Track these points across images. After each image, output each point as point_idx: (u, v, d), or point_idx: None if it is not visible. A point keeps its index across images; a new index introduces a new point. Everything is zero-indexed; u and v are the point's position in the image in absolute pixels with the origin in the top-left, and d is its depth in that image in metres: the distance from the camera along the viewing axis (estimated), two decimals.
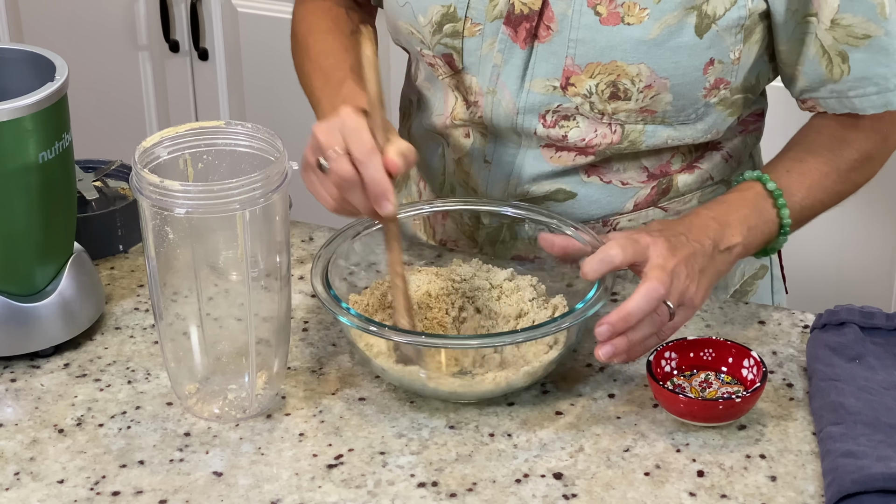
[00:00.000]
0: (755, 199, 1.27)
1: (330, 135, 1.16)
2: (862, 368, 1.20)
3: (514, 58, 1.29)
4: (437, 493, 1.09)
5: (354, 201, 1.17)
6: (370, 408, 1.19)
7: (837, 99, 1.30)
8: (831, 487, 1.07)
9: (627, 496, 1.09)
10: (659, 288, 1.14)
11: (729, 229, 1.23)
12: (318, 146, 1.17)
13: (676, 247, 1.18)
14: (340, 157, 1.15)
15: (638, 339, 1.15)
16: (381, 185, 1.15)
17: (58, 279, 1.25)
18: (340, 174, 1.15)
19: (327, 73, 1.35)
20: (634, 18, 1.24)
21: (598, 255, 1.16)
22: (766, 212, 1.27)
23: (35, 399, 1.21)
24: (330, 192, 1.17)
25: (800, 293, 1.80)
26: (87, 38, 2.65)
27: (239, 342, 1.16)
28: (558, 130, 1.31)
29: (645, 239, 1.17)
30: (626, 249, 1.16)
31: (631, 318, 1.13)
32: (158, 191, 1.08)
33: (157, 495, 1.09)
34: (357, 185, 1.16)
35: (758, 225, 1.26)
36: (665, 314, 1.16)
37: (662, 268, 1.15)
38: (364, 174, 1.15)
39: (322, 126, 1.18)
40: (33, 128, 1.18)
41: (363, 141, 1.15)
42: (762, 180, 1.28)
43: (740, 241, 1.24)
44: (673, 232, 1.20)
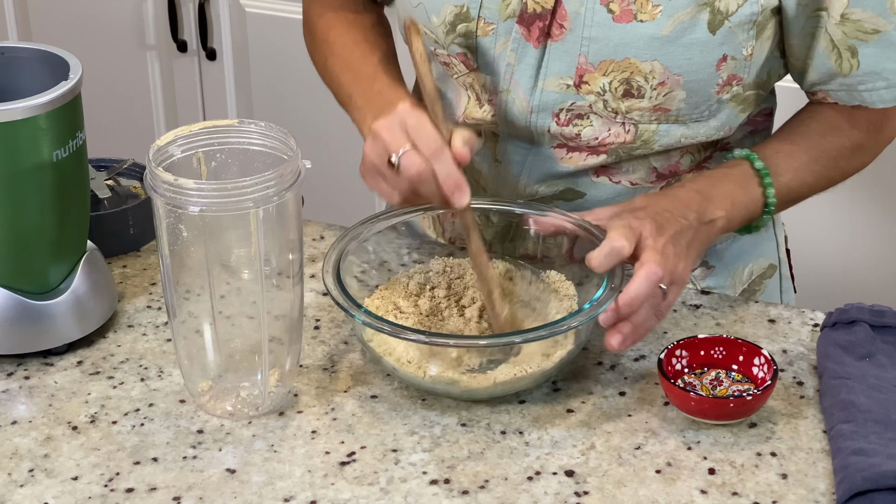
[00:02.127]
0: (741, 175, 1.30)
1: (394, 132, 1.18)
2: (872, 366, 1.20)
3: (527, 56, 1.30)
4: (449, 490, 1.10)
5: (427, 195, 1.19)
6: (382, 405, 1.19)
7: (847, 92, 1.30)
8: (842, 485, 1.08)
9: (639, 494, 1.09)
10: (658, 271, 1.16)
11: (712, 203, 1.25)
12: (384, 144, 1.18)
13: (663, 225, 1.20)
14: (411, 154, 1.17)
15: (641, 322, 1.17)
16: (454, 179, 1.17)
17: (71, 277, 1.26)
18: (415, 171, 1.17)
19: (355, 68, 1.36)
20: (647, 15, 1.24)
21: (605, 248, 1.17)
22: (751, 189, 1.29)
23: (49, 396, 1.21)
24: (400, 188, 1.19)
25: (809, 292, 1.80)
26: (96, 37, 2.65)
27: (251, 340, 1.17)
28: (572, 129, 1.31)
29: (635, 223, 1.19)
30: (629, 239, 1.18)
31: (634, 303, 1.15)
32: (172, 189, 1.09)
33: (171, 492, 1.10)
34: (430, 180, 1.17)
35: (742, 201, 1.28)
36: (660, 295, 1.18)
37: (655, 249, 1.18)
38: (437, 169, 1.17)
39: (383, 124, 1.19)
40: (48, 126, 1.18)
41: (431, 136, 1.17)
42: (750, 158, 1.30)
43: (723, 215, 1.26)
44: (657, 209, 1.22)
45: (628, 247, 1.17)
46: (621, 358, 1.25)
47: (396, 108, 1.19)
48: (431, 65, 1.20)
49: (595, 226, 1.24)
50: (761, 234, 1.45)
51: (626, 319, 1.16)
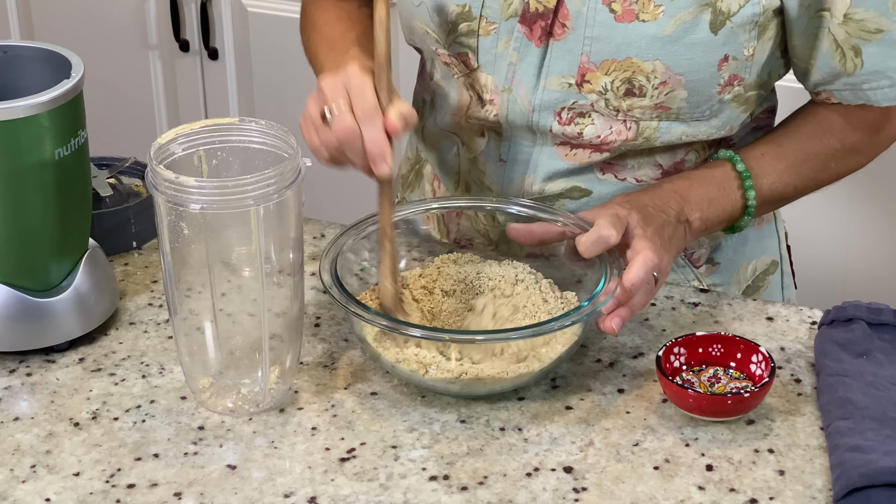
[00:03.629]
0: (722, 177, 1.31)
1: (335, 89, 1.18)
2: (870, 364, 1.21)
3: (529, 56, 1.30)
4: (448, 486, 1.11)
5: (352, 157, 1.19)
6: (382, 402, 1.20)
7: (852, 91, 1.31)
8: (839, 481, 1.08)
9: (637, 490, 1.10)
10: (654, 257, 1.18)
11: (688, 204, 1.28)
12: (323, 98, 1.19)
13: (647, 218, 1.22)
14: (344, 113, 1.17)
15: (638, 307, 1.20)
16: (378, 146, 1.17)
17: (73, 275, 1.27)
18: (342, 129, 1.17)
19: (332, 42, 1.36)
20: (649, 15, 1.25)
21: (593, 234, 1.20)
22: (731, 192, 1.31)
23: (51, 393, 1.22)
24: (328, 144, 1.19)
25: (808, 290, 1.81)
26: (98, 37, 2.66)
27: (252, 337, 1.17)
28: (574, 128, 1.32)
29: (622, 212, 1.22)
30: (618, 228, 1.20)
31: (634, 289, 1.18)
32: (174, 187, 1.10)
33: (172, 488, 1.11)
34: (357, 142, 1.17)
35: (720, 203, 1.30)
36: (653, 281, 1.20)
37: (646, 238, 1.20)
38: (364, 133, 1.17)
39: (328, 79, 1.19)
40: (50, 124, 1.19)
41: (367, 99, 1.17)
42: (732, 160, 1.32)
43: (699, 216, 1.28)
44: (639, 203, 1.24)
45: (615, 235, 1.20)
46: (620, 355, 1.26)
47: (346, 68, 1.19)
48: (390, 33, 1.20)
49: (584, 220, 1.25)
50: (763, 230, 1.46)
51: (623, 306, 1.18)
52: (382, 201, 1.23)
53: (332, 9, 1.42)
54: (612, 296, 1.17)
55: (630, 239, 1.21)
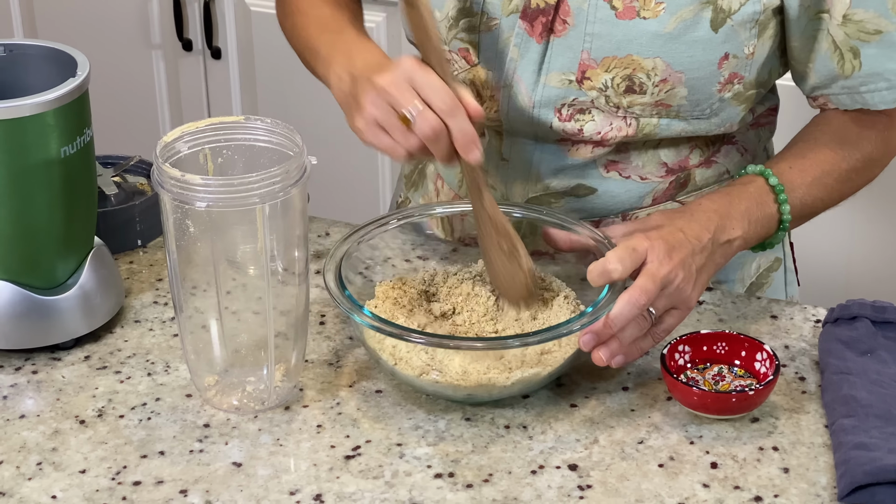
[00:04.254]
0: (757, 193, 1.28)
1: (402, 88, 1.16)
2: (874, 362, 1.21)
3: (530, 52, 1.30)
4: (453, 484, 1.11)
5: (437, 151, 1.17)
6: (387, 400, 1.20)
7: (849, 95, 1.31)
8: (843, 479, 1.08)
9: (642, 487, 1.10)
10: (641, 298, 1.15)
11: (730, 222, 1.24)
12: (391, 100, 1.16)
13: (674, 248, 1.19)
14: (426, 112, 1.15)
15: (628, 340, 1.17)
16: (469, 135, 1.16)
17: (78, 273, 1.27)
18: (430, 129, 1.15)
19: (323, 24, 1.35)
20: (650, 12, 1.25)
21: (600, 266, 1.17)
22: (767, 206, 1.28)
23: (56, 391, 1.22)
24: (409, 144, 1.17)
25: (812, 288, 1.81)
26: (102, 36, 2.66)
27: (257, 335, 1.17)
28: (574, 124, 1.32)
29: (643, 244, 1.18)
30: (625, 262, 1.17)
31: (613, 326, 1.15)
32: (179, 185, 1.10)
33: (178, 485, 1.11)
34: (445, 138, 1.16)
35: (759, 219, 1.27)
36: (648, 321, 1.18)
37: (653, 276, 1.16)
38: (452, 126, 1.15)
39: (388, 79, 1.17)
40: (55, 123, 1.19)
41: (444, 93, 1.15)
42: (765, 175, 1.29)
43: (741, 235, 1.25)
44: (672, 228, 1.21)
45: (619, 270, 1.17)
46: None
47: (401, 64, 1.17)
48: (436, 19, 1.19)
49: (610, 240, 1.24)
50: None
51: (612, 338, 1.17)
52: (482, 187, 1.21)
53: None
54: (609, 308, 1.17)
55: (639, 273, 1.17)
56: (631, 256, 1.17)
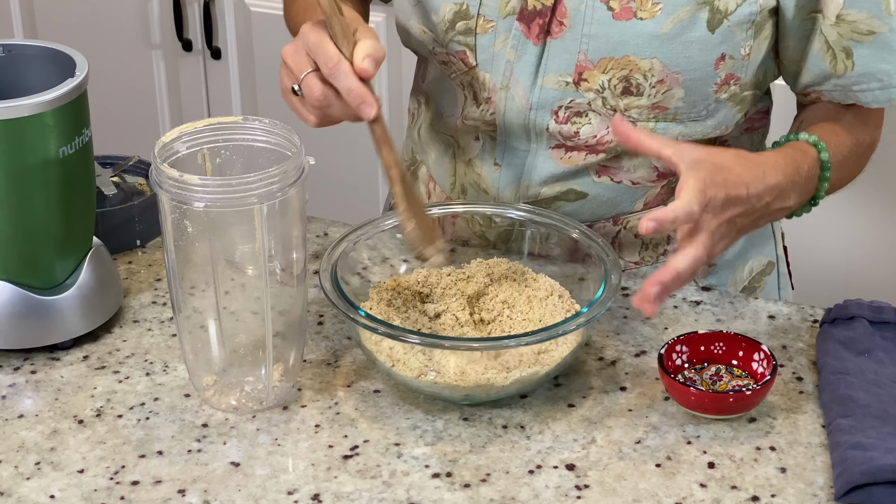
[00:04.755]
0: (812, 166, 1.25)
1: (296, 55, 1.18)
2: (871, 362, 1.21)
3: (527, 54, 1.30)
4: (451, 483, 1.11)
5: (336, 115, 1.19)
6: (385, 400, 1.20)
7: (842, 91, 1.31)
8: (840, 479, 1.09)
9: (639, 487, 1.10)
10: (704, 255, 1.11)
11: (792, 190, 1.21)
12: (290, 70, 1.19)
13: (732, 200, 1.13)
14: (310, 78, 1.17)
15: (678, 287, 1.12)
16: (356, 93, 1.16)
17: (77, 273, 1.27)
18: (315, 97, 1.17)
19: (307, 4, 1.36)
20: (647, 13, 1.25)
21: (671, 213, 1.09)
22: (813, 181, 1.26)
23: (55, 390, 1.22)
24: (311, 111, 1.20)
25: (809, 288, 1.81)
26: (101, 37, 2.67)
27: (256, 335, 1.18)
28: (570, 127, 1.32)
29: (711, 190, 1.11)
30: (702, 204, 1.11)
31: (681, 278, 1.10)
32: (177, 185, 1.10)
33: (176, 485, 1.11)
34: (334, 101, 1.17)
35: (806, 192, 1.25)
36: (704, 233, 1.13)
37: (710, 232, 1.12)
38: (338, 86, 1.16)
39: (288, 48, 1.19)
40: (54, 123, 1.20)
41: (328, 54, 1.16)
42: (819, 147, 1.27)
43: (792, 205, 1.23)
44: (739, 177, 1.15)
45: (698, 212, 1.10)
46: (622, 353, 1.26)
47: (301, 30, 1.18)
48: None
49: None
50: (760, 231, 1.46)
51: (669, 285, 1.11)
52: (380, 144, 1.20)
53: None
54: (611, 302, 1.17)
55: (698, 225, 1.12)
56: (703, 200, 1.11)
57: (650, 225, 1.08)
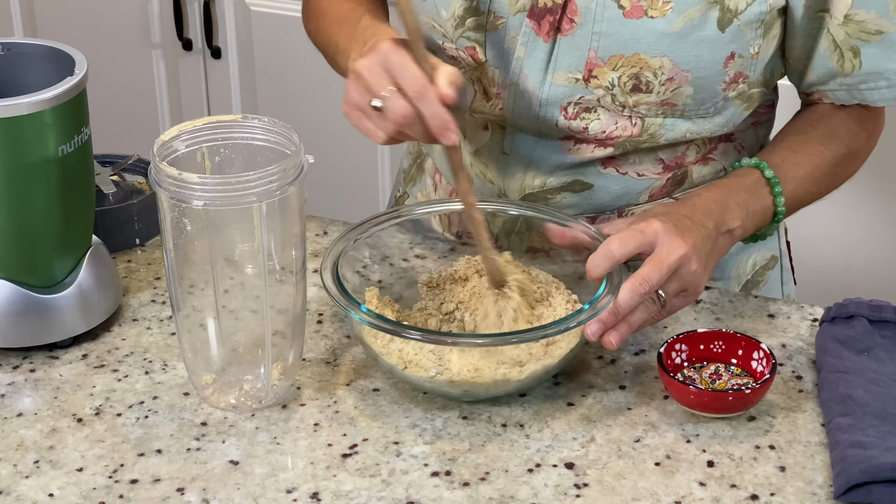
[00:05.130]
0: (753, 185, 1.29)
1: (375, 72, 1.17)
2: (870, 361, 1.21)
3: (537, 50, 1.30)
4: (450, 482, 1.11)
5: (413, 135, 1.18)
6: (384, 398, 1.20)
7: (847, 91, 1.31)
8: (840, 477, 1.09)
9: (638, 486, 1.10)
10: (643, 286, 1.16)
11: (729, 213, 1.25)
12: (367, 86, 1.17)
13: (685, 231, 1.19)
14: (395, 96, 1.15)
15: (637, 323, 1.18)
16: (440, 119, 1.16)
17: (76, 271, 1.27)
18: (399, 114, 1.16)
19: (343, 18, 1.35)
20: (658, 12, 1.25)
21: (601, 250, 1.18)
22: (763, 198, 1.29)
23: (54, 389, 1.22)
24: (385, 129, 1.18)
25: (809, 287, 1.81)
26: (102, 36, 2.67)
27: (255, 334, 1.18)
28: (579, 122, 1.32)
29: (652, 227, 1.19)
30: (627, 243, 1.18)
31: (618, 314, 1.16)
32: (176, 183, 1.10)
33: (175, 483, 1.11)
34: (417, 122, 1.16)
35: (755, 211, 1.28)
36: (657, 304, 1.18)
37: (659, 263, 1.17)
38: (422, 109, 1.15)
39: (364, 63, 1.17)
40: (53, 121, 1.19)
41: (414, 76, 1.15)
42: (760, 167, 1.30)
43: (739, 225, 1.26)
44: (677, 216, 1.22)
45: (620, 249, 1.17)
46: (621, 352, 1.26)
47: (379, 47, 1.17)
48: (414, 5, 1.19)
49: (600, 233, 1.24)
50: None
51: (621, 322, 1.17)
52: (456, 170, 1.21)
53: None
54: (612, 298, 1.17)
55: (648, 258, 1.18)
56: (635, 238, 1.18)
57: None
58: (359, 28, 1.29)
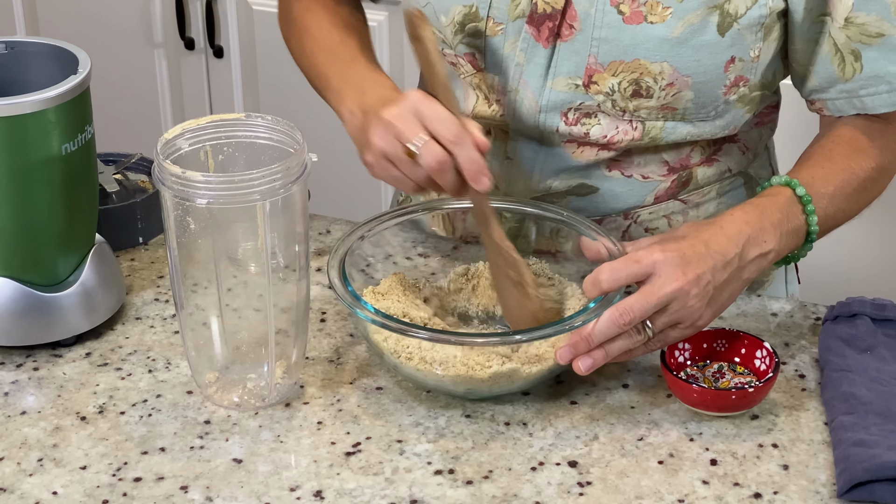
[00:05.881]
0: (787, 204, 1.24)
1: (407, 120, 1.17)
2: (873, 359, 1.21)
3: (536, 57, 1.30)
4: (453, 480, 1.11)
5: (446, 183, 1.18)
6: (387, 397, 1.20)
7: (847, 99, 1.30)
8: (843, 476, 1.09)
9: (641, 484, 1.10)
10: (623, 317, 1.14)
11: (763, 234, 1.21)
12: (397, 133, 1.17)
13: (691, 262, 1.16)
14: (430, 143, 1.16)
15: (616, 352, 1.16)
16: (477, 164, 1.16)
17: (80, 270, 1.27)
18: (435, 160, 1.16)
19: (332, 50, 1.35)
20: (657, 17, 1.25)
21: (593, 275, 1.17)
22: (796, 218, 1.24)
23: (57, 387, 1.22)
24: (416, 177, 1.18)
25: (812, 286, 1.81)
26: (104, 35, 2.67)
27: (258, 332, 1.18)
28: (580, 128, 1.32)
29: (650, 257, 1.16)
30: (618, 273, 1.16)
31: (592, 341, 1.15)
32: (180, 181, 1.10)
33: (178, 481, 1.11)
34: (451, 169, 1.16)
35: (789, 231, 1.23)
36: (642, 335, 1.16)
37: (647, 295, 1.14)
38: (459, 156, 1.16)
39: (394, 112, 1.18)
40: (56, 120, 1.20)
41: (451, 124, 1.16)
42: (792, 185, 1.25)
43: (774, 248, 1.21)
44: (696, 241, 1.18)
45: (609, 282, 1.15)
46: None
47: (407, 97, 1.18)
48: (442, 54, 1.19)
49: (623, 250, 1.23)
50: None
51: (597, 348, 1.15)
52: (489, 217, 1.22)
53: (325, 14, 1.41)
54: (618, 298, 1.16)
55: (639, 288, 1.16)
56: (628, 268, 1.16)
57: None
58: (354, 71, 1.29)
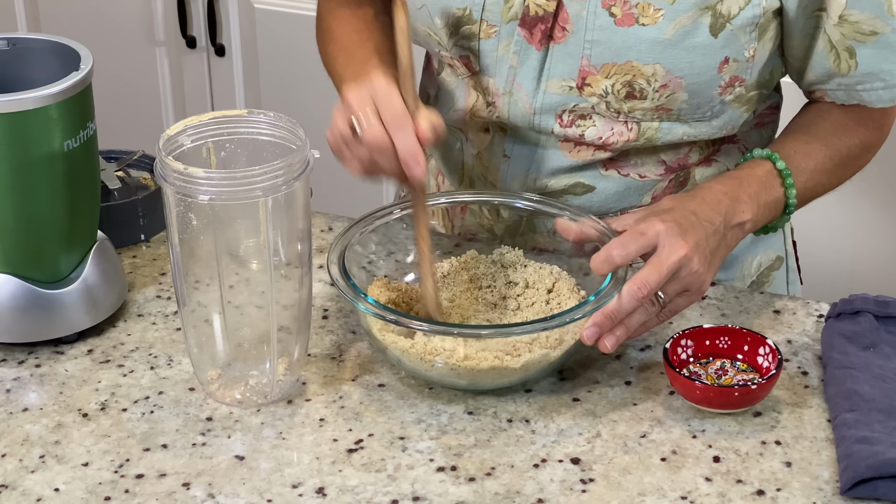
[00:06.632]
0: (765, 176, 1.28)
1: (361, 99, 1.17)
2: (876, 356, 1.21)
3: (529, 59, 1.30)
4: (455, 477, 1.11)
5: (384, 165, 1.18)
6: (389, 394, 1.20)
7: (846, 91, 1.31)
8: (846, 473, 1.08)
9: (644, 481, 1.10)
10: (642, 290, 1.15)
11: (740, 205, 1.24)
12: (350, 110, 1.18)
13: (688, 230, 1.19)
14: (373, 122, 1.16)
15: (635, 326, 1.18)
16: (411, 150, 1.16)
17: (81, 266, 1.27)
18: (373, 138, 1.16)
19: (350, 52, 1.36)
20: (649, 19, 1.25)
21: (603, 253, 1.18)
22: (774, 190, 1.28)
23: (59, 384, 1.22)
24: (360, 155, 1.18)
25: (815, 283, 1.81)
26: (105, 33, 2.67)
27: (260, 329, 1.18)
28: (575, 129, 1.32)
29: (653, 228, 1.18)
30: (629, 247, 1.17)
31: (617, 317, 1.16)
32: (182, 178, 1.10)
33: (181, 478, 1.11)
34: (389, 150, 1.16)
35: (767, 203, 1.27)
36: (657, 306, 1.18)
37: (659, 265, 1.16)
38: (395, 139, 1.16)
39: (352, 90, 1.18)
40: (59, 116, 1.19)
41: (395, 106, 1.16)
42: (772, 159, 1.29)
43: (751, 218, 1.25)
44: (684, 211, 1.21)
45: (623, 255, 1.17)
46: (627, 347, 1.26)
47: (370, 80, 1.19)
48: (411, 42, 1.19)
49: (615, 232, 1.24)
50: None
51: (618, 325, 1.17)
52: (417, 207, 1.22)
53: (349, 18, 1.41)
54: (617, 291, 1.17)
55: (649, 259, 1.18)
56: (636, 241, 1.18)
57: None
58: (364, 70, 1.30)
